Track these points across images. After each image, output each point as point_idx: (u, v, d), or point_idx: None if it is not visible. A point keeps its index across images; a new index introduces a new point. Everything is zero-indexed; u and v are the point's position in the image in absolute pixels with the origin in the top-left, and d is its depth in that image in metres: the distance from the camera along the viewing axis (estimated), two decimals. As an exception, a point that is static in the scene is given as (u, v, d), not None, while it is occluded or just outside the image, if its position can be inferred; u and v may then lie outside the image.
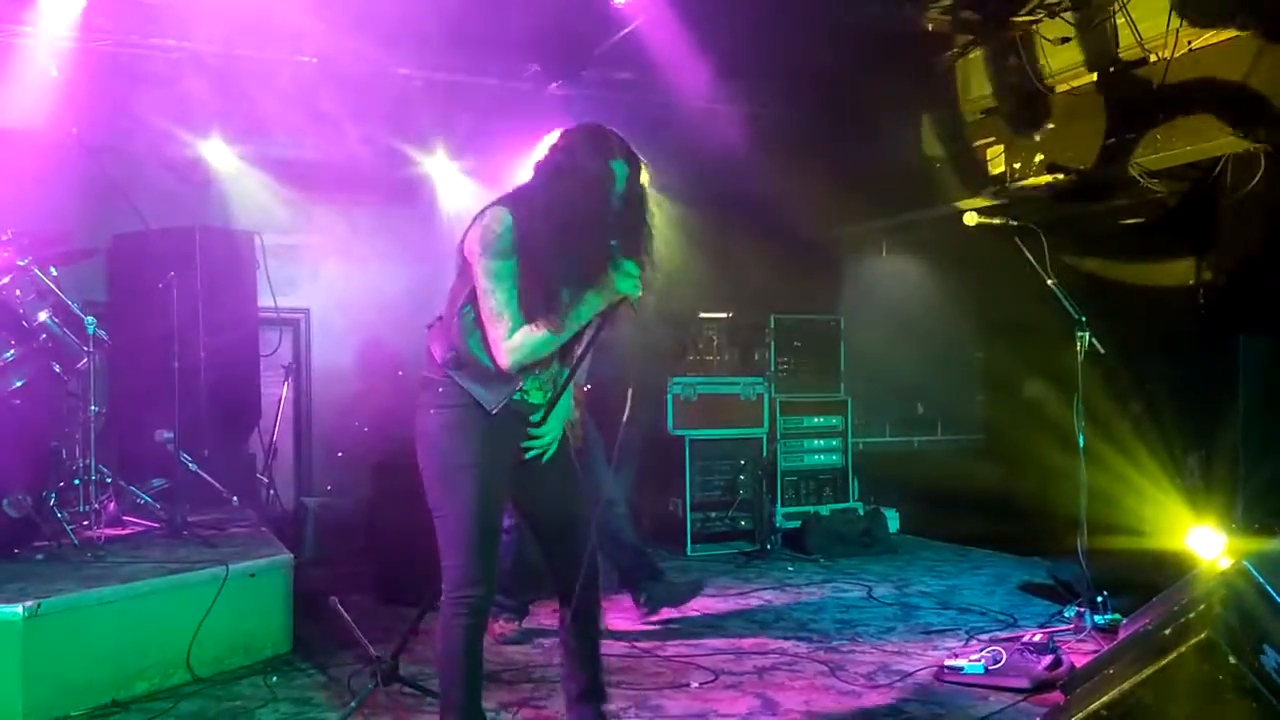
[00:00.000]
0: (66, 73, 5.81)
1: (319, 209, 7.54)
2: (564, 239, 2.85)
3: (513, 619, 4.78)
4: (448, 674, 3.03)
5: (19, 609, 3.62)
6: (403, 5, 5.77)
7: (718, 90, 6.61)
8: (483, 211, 2.95)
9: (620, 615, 4.99)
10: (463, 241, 2.98)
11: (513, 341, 2.88)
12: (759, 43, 6.17)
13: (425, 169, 7.35)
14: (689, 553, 6.83)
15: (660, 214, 3.01)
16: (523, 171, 3.07)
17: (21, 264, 4.96)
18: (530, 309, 2.88)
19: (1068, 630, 4.56)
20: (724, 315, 7.45)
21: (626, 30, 6.00)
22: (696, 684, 4.09)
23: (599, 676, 3.30)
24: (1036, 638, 4.21)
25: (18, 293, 4.95)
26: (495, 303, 2.88)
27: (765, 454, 7.17)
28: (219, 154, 6.85)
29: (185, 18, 5.91)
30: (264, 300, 6.67)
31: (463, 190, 7.36)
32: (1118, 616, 4.46)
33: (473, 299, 2.94)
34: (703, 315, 7.39)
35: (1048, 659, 4.00)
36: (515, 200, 2.95)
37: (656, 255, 2.96)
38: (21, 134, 5.83)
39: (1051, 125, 6.34)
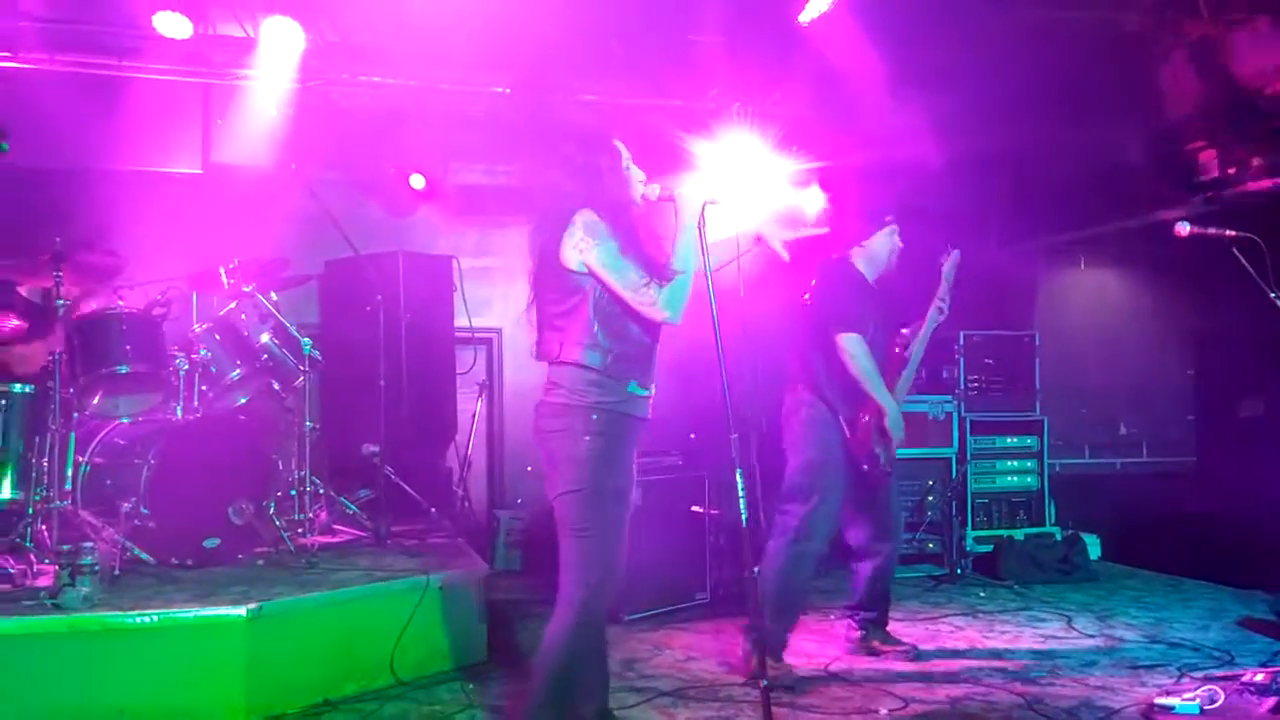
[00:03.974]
0: (285, 112, 6.26)
1: (510, 232, 7.81)
2: (626, 208, 3.25)
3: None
4: (556, 687, 3.18)
5: (243, 610, 3.90)
6: (587, 32, 5.95)
7: (905, 103, 6.49)
8: (559, 224, 3.17)
9: (809, 638, 4.94)
10: (558, 254, 3.16)
11: (667, 294, 3.13)
12: (949, 54, 6.03)
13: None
14: (875, 574, 6.69)
15: None
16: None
17: (246, 290, 5.40)
18: (651, 266, 3.16)
19: (1294, 671, 4.22)
20: (910, 331, 7.28)
21: (811, 47, 5.98)
22: (885, 711, 4.01)
23: None
24: (1258, 678, 3.91)
25: (243, 316, 5.38)
26: (635, 274, 3.13)
27: (955, 475, 6.95)
28: (420, 182, 7.21)
29: (391, 55, 6.28)
30: (460, 320, 6.97)
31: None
32: (1352, 659, 4.11)
33: (599, 306, 3.15)
34: (888, 331, 7.24)
35: (1271, 701, 3.73)
36: (571, 205, 3.20)
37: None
38: (246, 171, 6.32)
39: (1267, 126, 5.91)
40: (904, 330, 4.88)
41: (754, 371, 5.50)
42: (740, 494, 3.20)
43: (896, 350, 4.82)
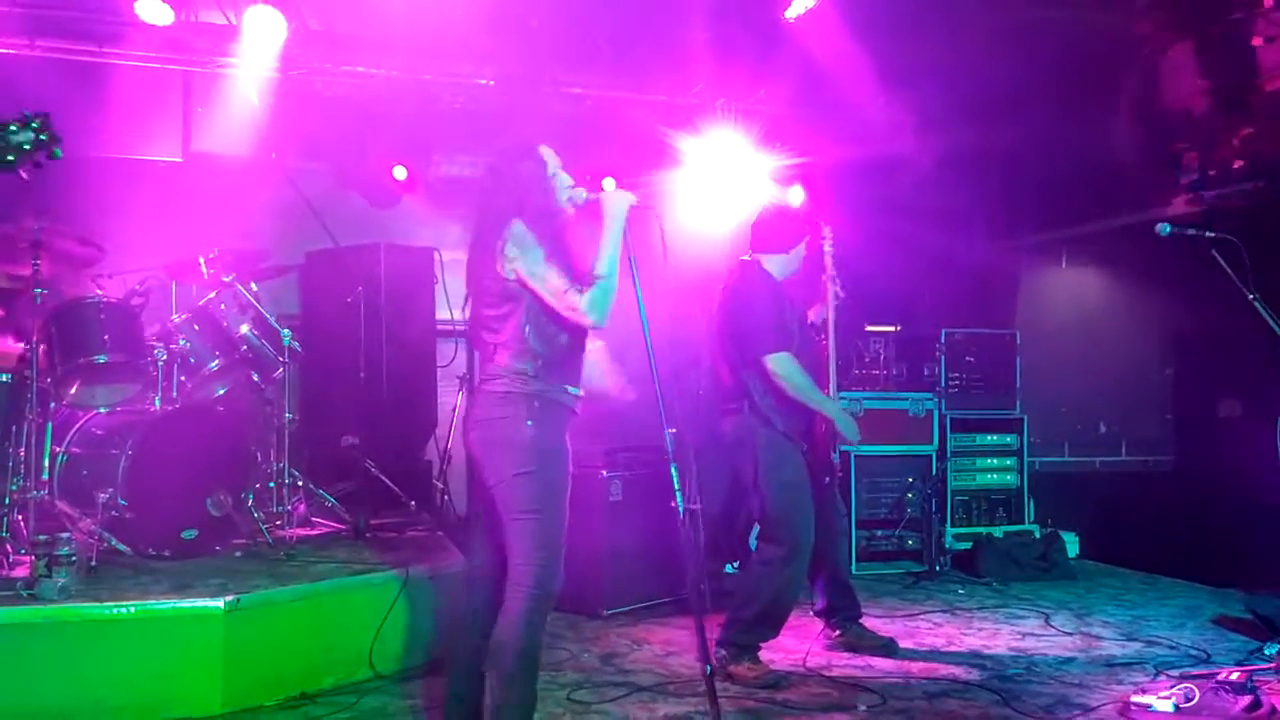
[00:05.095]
0: (266, 101, 6.21)
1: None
2: (553, 216, 3.31)
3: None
4: (524, 670, 3.19)
5: (221, 603, 3.88)
6: (573, 25, 5.93)
7: (890, 100, 6.51)
8: (493, 233, 3.24)
9: (787, 633, 4.93)
10: (493, 263, 3.22)
11: (590, 298, 3.17)
12: (936, 51, 6.05)
13: (592, 185, 7.50)
14: (854, 571, 6.66)
15: None
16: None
17: (226, 280, 5.36)
18: (574, 272, 3.22)
19: (1268, 670, 4.24)
20: (892, 328, 7.30)
21: (797, 44, 5.98)
22: (864, 707, 4.02)
23: None
24: (1233, 676, 3.93)
25: (222, 307, 5.34)
26: (557, 280, 3.18)
27: (934, 472, 6.97)
28: (402, 173, 7.17)
29: (374, 45, 6.24)
30: (441, 313, 6.93)
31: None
32: (1326, 657, 4.15)
33: (531, 313, 3.20)
34: (870, 328, 7.25)
35: (1246, 700, 3.75)
36: (503, 215, 3.27)
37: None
38: (227, 159, 6.26)
39: (1249, 130, 5.95)
40: (810, 315, 4.83)
41: (696, 370, 5.49)
42: (676, 489, 3.24)
43: (822, 340, 4.79)
